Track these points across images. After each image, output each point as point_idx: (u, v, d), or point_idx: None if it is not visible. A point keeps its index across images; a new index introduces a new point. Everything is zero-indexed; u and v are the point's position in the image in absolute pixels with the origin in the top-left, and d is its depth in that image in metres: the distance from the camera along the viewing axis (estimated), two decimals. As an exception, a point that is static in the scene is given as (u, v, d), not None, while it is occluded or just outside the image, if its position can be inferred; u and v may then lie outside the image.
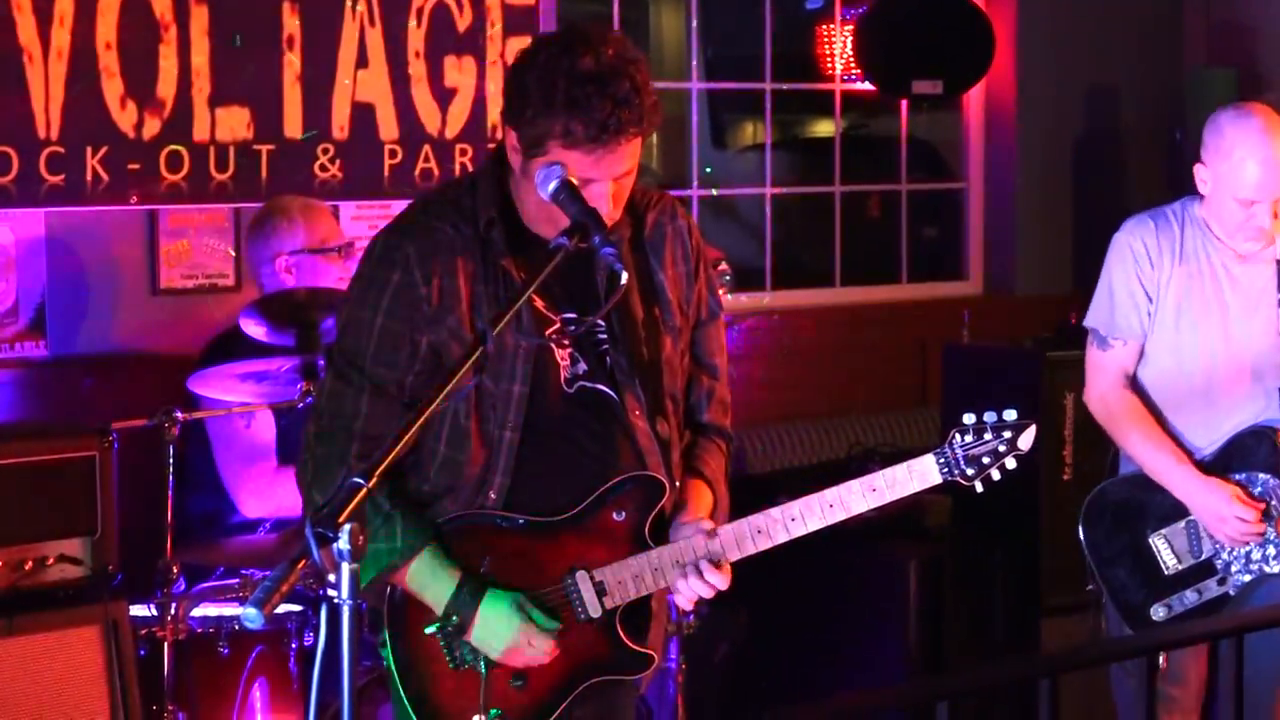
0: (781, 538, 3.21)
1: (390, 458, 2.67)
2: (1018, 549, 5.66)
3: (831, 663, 5.57)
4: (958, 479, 3.23)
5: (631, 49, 3.10)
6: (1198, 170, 4.36)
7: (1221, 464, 4.35)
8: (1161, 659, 4.18)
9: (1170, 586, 4.34)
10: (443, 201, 3.24)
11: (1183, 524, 4.35)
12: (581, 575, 3.18)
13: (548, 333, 3.17)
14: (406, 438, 2.71)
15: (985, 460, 3.23)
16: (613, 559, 3.18)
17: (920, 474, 3.22)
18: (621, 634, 3.20)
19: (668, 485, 3.21)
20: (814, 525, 3.21)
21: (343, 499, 2.58)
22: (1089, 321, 4.50)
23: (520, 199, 3.19)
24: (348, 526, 2.55)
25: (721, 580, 3.18)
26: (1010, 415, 3.24)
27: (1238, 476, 4.32)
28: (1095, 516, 4.45)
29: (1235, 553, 4.31)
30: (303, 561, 2.52)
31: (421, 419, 2.74)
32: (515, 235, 3.19)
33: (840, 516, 3.22)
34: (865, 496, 3.21)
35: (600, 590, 3.17)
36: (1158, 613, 4.34)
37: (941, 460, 3.22)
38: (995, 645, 5.60)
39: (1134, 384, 4.45)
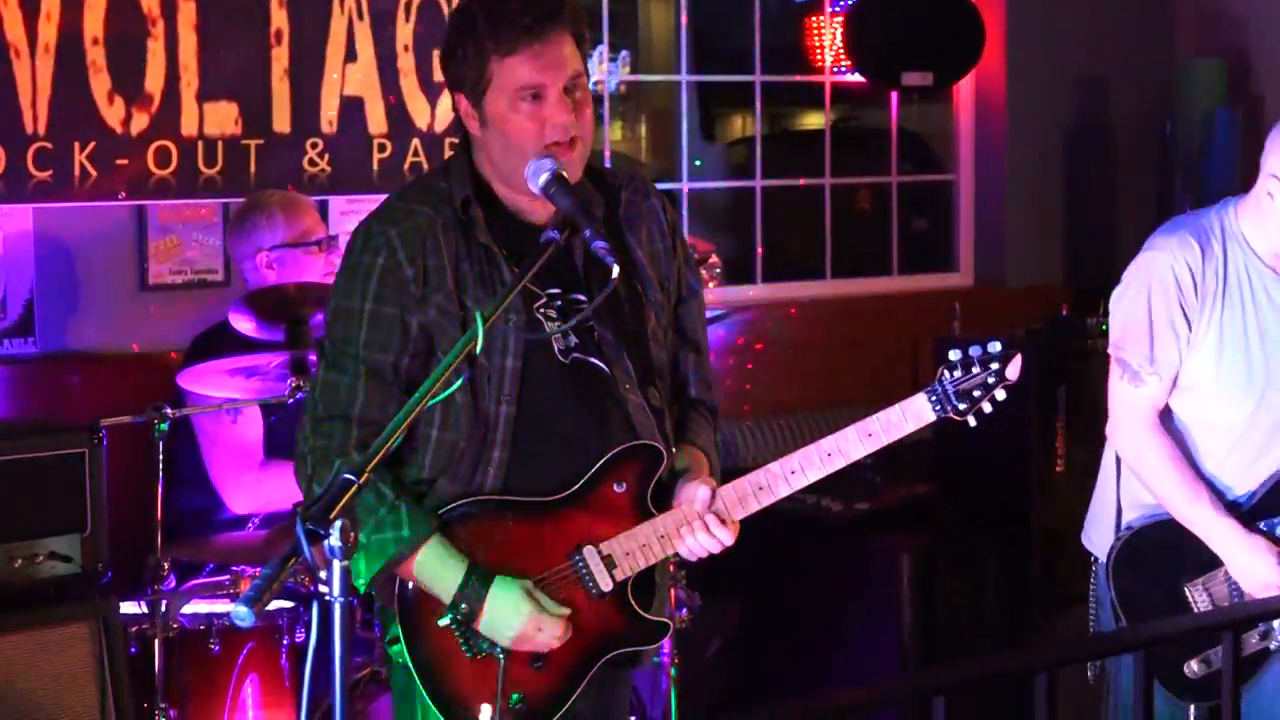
0: (783, 491, 3.21)
1: (383, 452, 2.68)
2: (1010, 541, 5.65)
3: (824, 657, 5.57)
4: (950, 414, 3.21)
5: None
6: None
7: (1262, 512, 3.98)
8: None
9: (1208, 639, 3.85)
10: (418, 188, 3.31)
11: (1222, 573, 3.97)
12: (589, 551, 3.17)
13: (535, 306, 3.18)
14: (399, 430, 2.72)
15: (976, 394, 3.21)
16: (618, 531, 3.18)
17: (914, 413, 3.22)
18: (635, 605, 3.21)
19: (665, 452, 3.21)
20: (813, 476, 3.21)
21: (334, 495, 2.57)
22: (1120, 353, 4.01)
23: (487, 159, 3.22)
24: (339, 523, 2.54)
25: (729, 535, 3.18)
26: (995, 347, 3.22)
27: (1276, 520, 3.96)
28: (1127, 563, 4.05)
29: None
30: (294, 559, 2.51)
31: (415, 410, 2.74)
32: (493, 213, 3.22)
33: (840, 464, 3.22)
34: (862, 442, 3.22)
35: (610, 564, 3.17)
36: (1193, 668, 3.94)
37: (933, 397, 3.21)
38: (988, 637, 5.59)
39: (1164, 421, 4.03)
